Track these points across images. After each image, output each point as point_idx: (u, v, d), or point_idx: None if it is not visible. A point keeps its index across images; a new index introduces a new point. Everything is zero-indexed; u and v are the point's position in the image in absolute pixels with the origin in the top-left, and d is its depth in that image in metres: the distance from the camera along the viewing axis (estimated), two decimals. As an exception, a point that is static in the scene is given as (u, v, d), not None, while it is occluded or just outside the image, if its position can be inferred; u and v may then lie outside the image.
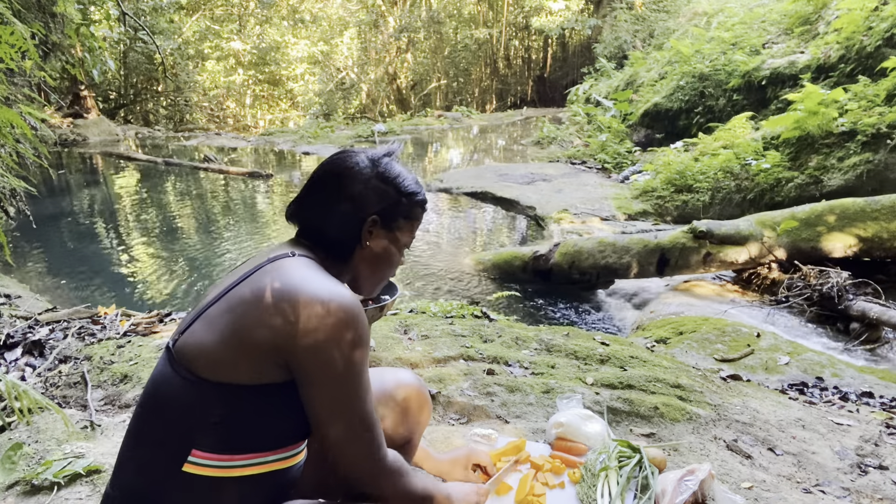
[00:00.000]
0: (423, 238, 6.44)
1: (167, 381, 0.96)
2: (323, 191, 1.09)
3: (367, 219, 1.08)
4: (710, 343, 3.30)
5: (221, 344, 0.93)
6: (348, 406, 0.96)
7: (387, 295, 2.44)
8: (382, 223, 1.09)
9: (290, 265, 0.99)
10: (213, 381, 0.92)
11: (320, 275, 1.00)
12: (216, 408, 0.93)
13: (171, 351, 0.98)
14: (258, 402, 0.95)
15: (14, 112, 2.40)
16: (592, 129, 11.06)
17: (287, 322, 0.92)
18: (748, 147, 6.50)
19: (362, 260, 1.11)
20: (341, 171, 1.09)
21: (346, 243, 1.08)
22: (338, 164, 1.11)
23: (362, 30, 23.46)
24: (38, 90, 9.77)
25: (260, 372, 0.93)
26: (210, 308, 0.98)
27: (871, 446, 2.05)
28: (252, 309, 0.93)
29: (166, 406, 0.96)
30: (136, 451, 0.99)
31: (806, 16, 8.69)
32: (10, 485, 1.60)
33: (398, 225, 1.12)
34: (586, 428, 1.74)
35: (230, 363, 0.92)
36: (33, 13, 7.12)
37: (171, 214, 7.78)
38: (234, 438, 0.94)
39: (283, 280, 0.95)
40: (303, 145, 13.68)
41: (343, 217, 1.07)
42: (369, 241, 1.09)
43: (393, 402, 1.28)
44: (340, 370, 0.94)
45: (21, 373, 2.34)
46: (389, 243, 1.12)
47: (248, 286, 0.97)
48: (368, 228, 1.08)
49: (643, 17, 15.81)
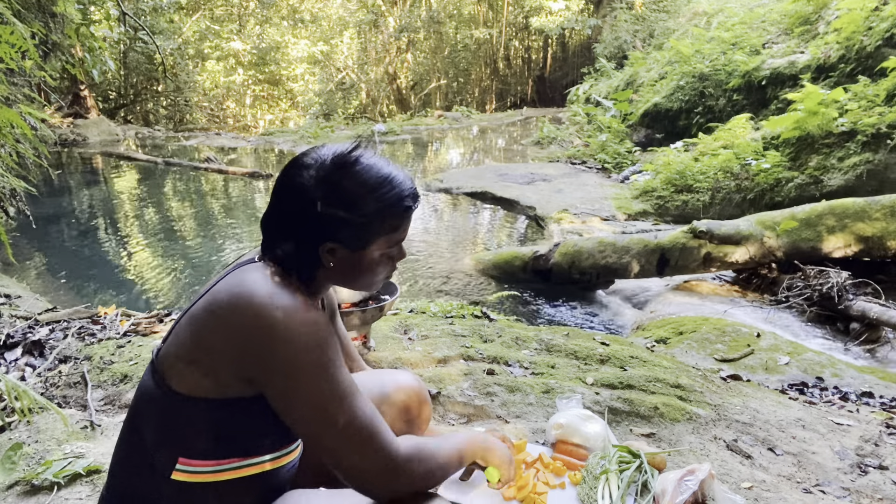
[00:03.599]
0: (423, 238, 6.44)
1: (149, 392, 0.94)
2: (273, 209, 0.98)
3: (320, 247, 0.95)
4: (710, 343, 3.30)
5: (186, 357, 0.90)
6: (332, 409, 0.89)
7: (387, 295, 2.44)
8: (345, 246, 0.96)
9: (246, 274, 0.92)
10: (184, 394, 0.90)
11: (270, 282, 0.91)
12: (195, 419, 0.91)
13: (154, 361, 0.96)
14: (232, 415, 0.91)
15: (14, 112, 2.40)
16: (592, 129, 11.06)
17: (241, 331, 0.87)
18: (748, 147, 6.50)
19: (331, 278, 1.01)
20: (287, 187, 0.96)
21: (303, 268, 0.97)
22: (286, 177, 0.97)
23: (362, 30, 23.44)
24: (38, 90, 9.77)
25: (225, 385, 0.89)
26: (182, 318, 0.95)
27: (871, 446, 2.05)
28: (209, 320, 0.89)
29: (150, 416, 0.94)
30: (126, 457, 0.98)
31: (806, 16, 8.69)
32: (10, 485, 1.60)
33: (366, 244, 0.98)
34: (586, 429, 1.74)
35: (194, 377, 0.90)
36: (33, 13, 7.12)
37: (171, 214, 7.78)
38: (220, 446, 0.92)
39: (238, 288, 0.89)
40: (303, 145, 13.67)
41: (295, 244, 0.95)
42: (332, 262, 0.98)
43: (393, 403, 1.28)
44: (307, 374, 0.88)
45: (21, 373, 2.34)
46: (362, 260, 0.99)
47: (210, 296, 0.92)
48: (326, 255, 0.96)
49: (643, 17, 15.81)
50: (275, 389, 0.89)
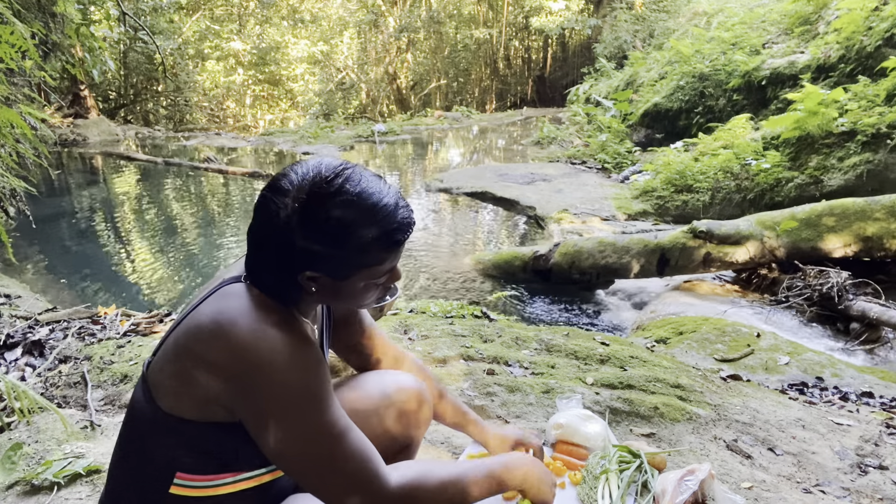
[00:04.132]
0: (423, 238, 6.44)
1: (140, 405, 0.93)
2: (252, 231, 0.91)
3: (299, 276, 0.89)
4: (710, 343, 3.30)
5: (168, 379, 0.88)
6: (311, 453, 0.86)
7: (386, 295, 2.44)
8: (326, 275, 0.89)
9: (230, 301, 0.88)
10: (172, 413, 0.88)
11: (254, 313, 0.86)
12: (184, 438, 0.89)
13: (145, 373, 0.94)
14: (223, 436, 0.89)
15: (14, 112, 2.40)
16: (592, 129, 11.06)
17: (219, 370, 0.84)
18: (748, 147, 6.50)
19: (317, 301, 0.97)
20: (264, 217, 0.88)
21: (285, 294, 0.92)
22: (262, 206, 0.89)
23: (362, 30, 23.46)
24: (38, 90, 9.77)
25: (201, 409, 0.87)
26: (169, 336, 0.92)
27: (871, 446, 2.05)
28: (190, 352, 0.86)
29: (143, 429, 0.93)
30: (124, 466, 0.97)
31: (806, 16, 8.70)
32: (10, 485, 1.60)
33: (348, 276, 0.91)
34: (586, 429, 1.74)
35: (174, 397, 0.88)
36: (33, 13, 7.12)
37: (171, 214, 7.78)
38: (214, 462, 0.91)
39: (217, 321, 0.85)
40: (303, 145, 13.67)
41: (273, 273, 0.90)
42: (315, 287, 0.91)
43: (393, 404, 1.27)
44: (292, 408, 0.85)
45: (21, 373, 2.34)
46: (346, 288, 0.93)
47: (193, 316, 0.89)
48: (307, 282, 0.90)
49: (643, 17, 15.81)
50: (255, 425, 0.86)
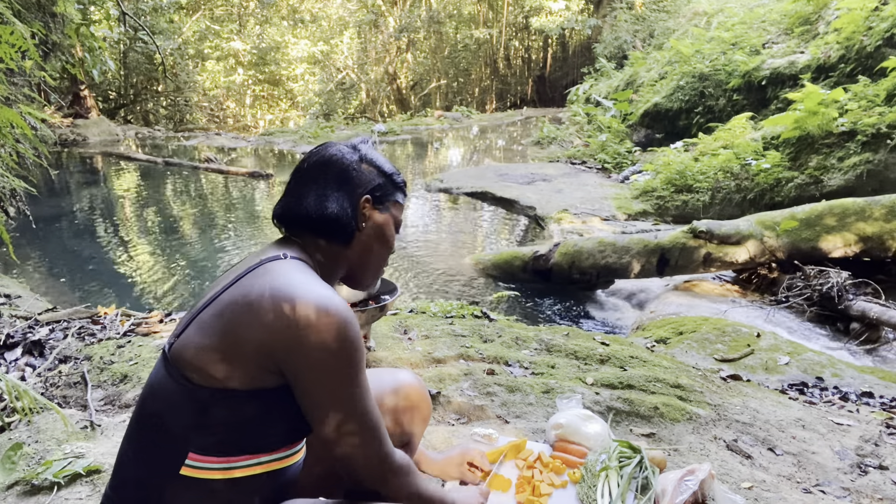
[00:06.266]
0: (423, 238, 6.44)
1: (163, 386, 0.96)
2: (313, 181, 1.10)
3: (360, 200, 1.10)
4: (710, 343, 3.30)
5: (213, 349, 0.93)
6: (351, 405, 0.96)
7: (387, 295, 2.44)
8: (374, 203, 1.12)
9: (282, 268, 0.98)
10: (206, 386, 0.92)
11: (312, 279, 0.99)
12: (211, 413, 0.93)
13: (167, 355, 0.97)
14: (253, 407, 0.94)
15: (14, 112, 2.40)
16: (592, 129, 11.06)
17: (283, 326, 0.91)
18: (748, 147, 6.50)
19: (360, 244, 1.13)
20: (327, 160, 1.11)
21: (345, 228, 1.09)
22: (322, 154, 1.13)
23: (362, 30, 23.45)
24: (38, 90, 9.78)
25: (252, 377, 0.93)
26: (203, 312, 0.97)
27: (871, 446, 2.05)
28: (244, 314, 0.93)
29: (162, 410, 0.96)
30: (134, 453, 0.99)
31: (806, 16, 8.70)
32: (10, 485, 1.60)
33: (388, 205, 1.15)
34: (586, 428, 1.74)
35: (222, 368, 0.92)
36: (33, 13, 7.13)
37: (171, 214, 7.78)
38: (231, 441, 0.95)
39: (277, 283, 0.94)
40: (303, 145, 13.67)
41: (337, 202, 1.09)
42: (365, 222, 1.12)
43: (393, 402, 1.28)
44: (339, 371, 0.94)
45: (21, 373, 2.34)
46: (384, 223, 1.15)
47: (238, 290, 0.96)
48: (363, 209, 1.10)
49: (643, 17, 15.81)
50: (302, 379, 0.94)
